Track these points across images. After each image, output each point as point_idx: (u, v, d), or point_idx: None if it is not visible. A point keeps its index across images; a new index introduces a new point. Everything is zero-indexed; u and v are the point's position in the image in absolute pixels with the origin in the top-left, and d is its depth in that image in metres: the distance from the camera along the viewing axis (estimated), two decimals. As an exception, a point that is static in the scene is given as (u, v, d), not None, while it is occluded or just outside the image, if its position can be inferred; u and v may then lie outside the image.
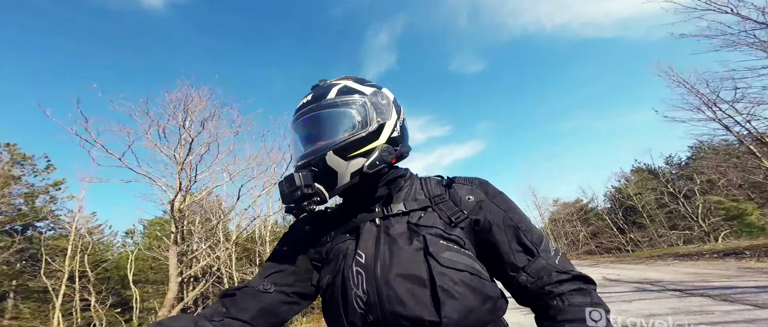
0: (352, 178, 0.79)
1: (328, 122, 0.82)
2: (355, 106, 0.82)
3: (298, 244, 0.91)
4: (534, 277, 0.73)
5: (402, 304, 0.67)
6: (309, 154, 0.80)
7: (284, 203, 0.79)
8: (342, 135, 0.79)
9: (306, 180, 0.76)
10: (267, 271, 0.87)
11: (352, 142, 0.79)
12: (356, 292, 0.72)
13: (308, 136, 0.84)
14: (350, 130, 0.80)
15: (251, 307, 0.79)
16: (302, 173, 0.76)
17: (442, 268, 0.70)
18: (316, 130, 0.83)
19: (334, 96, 0.83)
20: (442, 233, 0.76)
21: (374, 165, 0.80)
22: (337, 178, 0.78)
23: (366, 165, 0.79)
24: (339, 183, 0.79)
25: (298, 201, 0.77)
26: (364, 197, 0.86)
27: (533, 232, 0.79)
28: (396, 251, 0.74)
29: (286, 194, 0.77)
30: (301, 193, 0.75)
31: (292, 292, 0.85)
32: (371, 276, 0.72)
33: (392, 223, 0.81)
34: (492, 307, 0.71)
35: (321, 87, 0.89)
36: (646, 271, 9.59)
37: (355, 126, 0.80)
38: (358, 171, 0.79)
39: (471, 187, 0.85)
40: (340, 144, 0.78)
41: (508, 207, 0.82)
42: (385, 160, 0.81)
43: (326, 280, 0.80)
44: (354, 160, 0.79)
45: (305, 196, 0.76)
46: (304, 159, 0.80)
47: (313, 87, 0.93)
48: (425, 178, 0.93)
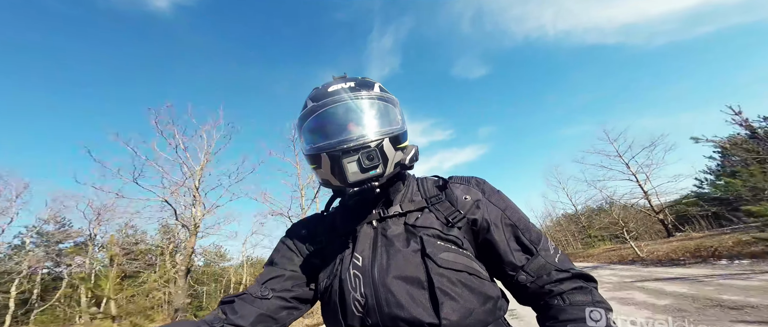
0: (395, 167, 0.79)
1: (383, 111, 0.83)
2: (396, 104, 0.87)
3: (295, 249, 0.90)
4: (534, 276, 0.73)
5: (400, 307, 0.66)
6: (369, 136, 0.76)
7: (353, 180, 0.74)
8: (392, 126, 0.82)
9: (382, 156, 0.75)
10: (265, 277, 0.86)
11: (399, 135, 0.82)
12: (354, 296, 0.71)
13: (359, 120, 0.79)
14: (396, 125, 0.83)
15: (250, 313, 0.78)
16: (376, 150, 0.75)
17: (439, 269, 0.69)
18: (371, 115, 0.80)
19: (380, 91, 0.85)
20: (440, 234, 0.75)
21: (413, 160, 0.83)
22: (387, 165, 0.77)
23: (407, 158, 0.81)
24: (387, 170, 0.77)
25: (372, 179, 0.74)
26: (366, 198, 0.85)
27: (532, 231, 0.78)
28: (393, 253, 0.74)
29: (364, 168, 0.74)
30: (381, 170, 0.75)
31: (291, 297, 0.84)
32: (369, 279, 0.71)
33: (389, 225, 0.80)
34: (492, 307, 0.70)
35: (360, 80, 0.88)
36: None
37: (397, 122, 0.84)
38: (399, 162, 0.80)
39: (467, 187, 0.84)
40: (396, 133, 0.81)
41: (505, 205, 0.82)
42: (416, 158, 0.85)
43: (324, 283, 0.80)
44: (398, 152, 0.80)
45: (381, 174, 0.75)
46: (366, 139, 0.76)
47: (338, 78, 0.89)
48: (422, 178, 0.93)
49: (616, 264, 12.41)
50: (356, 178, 0.74)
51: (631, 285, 6.98)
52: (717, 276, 6.35)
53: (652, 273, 8.28)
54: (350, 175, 0.74)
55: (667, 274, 7.71)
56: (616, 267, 11.38)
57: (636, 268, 9.86)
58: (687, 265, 8.62)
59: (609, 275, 9.27)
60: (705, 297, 4.85)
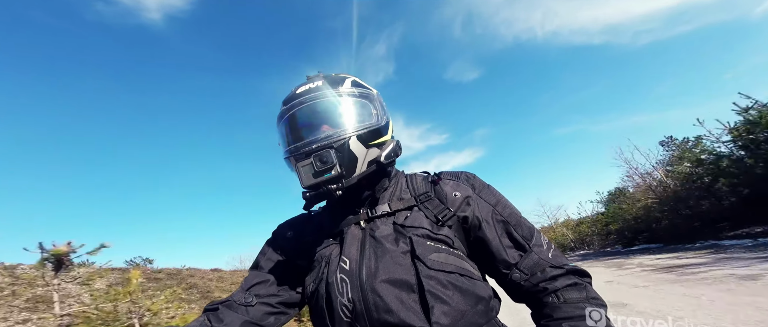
0: (368, 166, 0.76)
1: (350, 108, 0.78)
2: (371, 98, 0.83)
3: (280, 252, 0.87)
4: (527, 274, 0.71)
5: (390, 312, 0.63)
6: (333, 136, 0.73)
7: (307, 184, 0.72)
8: (364, 122, 0.78)
9: (338, 159, 0.71)
10: (249, 283, 0.83)
11: (372, 132, 0.78)
12: (341, 301, 0.69)
13: (325, 120, 0.77)
14: (369, 120, 0.79)
15: (233, 321, 0.75)
16: (331, 152, 0.71)
17: (430, 271, 0.66)
18: (337, 113, 0.77)
19: (351, 86, 0.81)
20: (430, 234, 0.72)
21: (390, 156, 0.78)
22: (355, 164, 0.74)
23: (383, 155, 0.77)
24: (357, 170, 0.75)
25: (327, 182, 0.71)
26: (351, 198, 0.81)
27: (524, 226, 0.76)
28: (381, 255, 0.71)
29: (316, 172, 0.70)
30: (336, 172, 0.70)
31: (277, 302, 0.82)
32: (356, 283, 0.68)
33: (378, 226, 0.77)
34: (484, 308, 0.68)
35: (332, 76, 0.84)
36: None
37: (371, 117, 0.80)
38: (375, 160, 0.77)
39: (457, 182, 0.82)
40: (364, 130, 0.76)
41: (496, 201, 0.79)
42: (396, 153, 0.81)
43: (310, 287, 0.77)
44: (371, 150, 0.77)
45: (336, 176, 0.71)
46: (327, 140, 0.72)
47: (311, 76, 0.86)
48: (411, 175, 0.90)
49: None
50: (309, 182, 0.71)
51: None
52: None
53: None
54: (303, 180, 0.72)
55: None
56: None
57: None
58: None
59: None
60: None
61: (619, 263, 11.20)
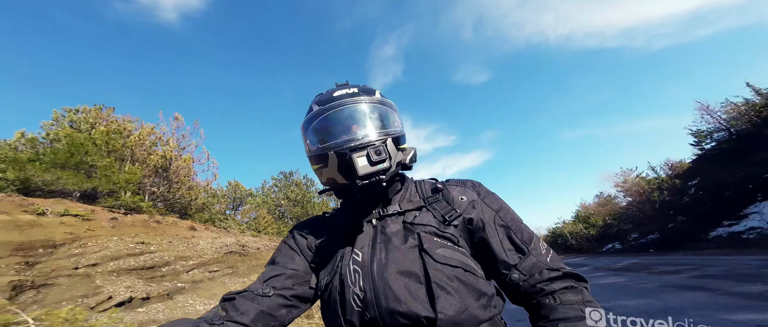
0: (396, 166, 0.83)
1: (385, 114, 0.89)
2: (394, 109, 0.94)
3: (297, 248, 0.93)
4: (526, 275, 0.75)
5: (398, 301, 0.68)
6: (374, 135, 0.82)
7: (363, 173, 0.77)
8: (394, 128, 0.88)
9: (390, 152, 0.80)
10: (266, 275, 0.88)
11: (399, 137, 0.88)
12: (354, 290, 0.73)
13: (367, 121, 0.85)
14: (397, 127, 0.89)
15: (250, 310, 0.80)
16: (384, 146, 0.79)
17: (436, 264, 0.71)
18: (376, 117, 0.87)
19: (380, 97, 0.92)
20: (436, 231, 0.78)
21: (413, 160, 0.88)
22: (391, 160, 0.81)
23: (407, 158, 0.86)
24: (391, 166, 0.82)
25: (381, 172, 0.78)
26: (369, 198, 0.88)
27: (523, 231, 0.81)
28: (391, 249, 0.76)
29: (373, 162, 0.77)
30: (388, 164, 0.79)
31: (291, 295, 0.86)
32: (368, 273, 0.74)
33: (388, 224, 0.83)
34: (486, 304, 0.72)
35: (362, 86, 0.93)
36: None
37: (398, 125, 0.90)
38: (400, 162, 0.84)
39: (464, 188, 0.89)
40: (397, 134, 0.87)
41: (499, 207, 0.85)
42: (415, 159, 0.89)
43: (325, 281, 0.82)
44: (399, 153, 0.85)
45: (388, 168, 0.79)
46: (367, 138, 0.81)
47: (341, 84, 0.94)
48: (420, 181, 0.97)
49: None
50: (366, 171, 0.77)
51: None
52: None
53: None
54: (360, 169, 0.77)
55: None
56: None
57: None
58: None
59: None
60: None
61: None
